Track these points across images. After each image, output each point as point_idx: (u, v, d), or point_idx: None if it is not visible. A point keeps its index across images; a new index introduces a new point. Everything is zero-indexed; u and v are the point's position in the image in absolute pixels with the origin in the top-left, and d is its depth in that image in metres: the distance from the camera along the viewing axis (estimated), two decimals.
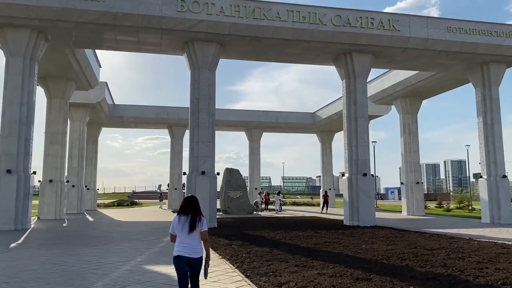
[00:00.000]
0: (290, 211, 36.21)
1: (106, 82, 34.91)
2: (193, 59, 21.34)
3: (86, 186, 38.43)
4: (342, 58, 23.06)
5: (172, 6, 19.45)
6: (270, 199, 40.46)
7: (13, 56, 19.45)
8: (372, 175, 22.95)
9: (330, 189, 47.07)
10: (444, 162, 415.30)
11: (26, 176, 19.31)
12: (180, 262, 5.18)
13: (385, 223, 22.56)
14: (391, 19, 21.88)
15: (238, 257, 10.75)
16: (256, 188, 45.64)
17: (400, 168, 39.40)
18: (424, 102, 39.62)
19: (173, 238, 5.40)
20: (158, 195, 78.77)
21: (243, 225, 21.83)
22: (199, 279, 5.33)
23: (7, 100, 19.21)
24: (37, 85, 27.59)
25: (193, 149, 21.17)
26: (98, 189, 47.33)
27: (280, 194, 35.94)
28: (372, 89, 32.77)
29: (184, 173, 21.71)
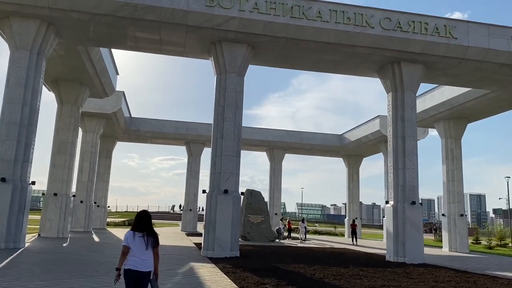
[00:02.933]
0: (315, 241, 32.89)
1: (123, 92, 32.73)
2: (220, 62, 18.81)
3: (95, 203, 35.86)
4: (389, 68, 20.27)
5: (200, 0, 17.07)
6: (293, 226, 37.20)
7: (19, 50, 17.18)
8: (421, 203, 19.76)
9: (356, 218, 43.55)
10: (437, 198, 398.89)
11: (23, 186, 16.73)
12: (130, 276, 5.50)
13: (433, 261, 19.25)
14: (448, 25, 19.11)
15: None
16: (276, 214, 42.39)
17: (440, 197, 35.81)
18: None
19: (126, 252, 5.56)
20: (171, 215, 76.11)
21: (270, 255, 18.77)
22: None
23: (7, 98, 16.84)
24: (48, 89, 25.51)
25: (215, 164, 18.39)
26: (109, 207, 44.75)
27: (305, 222, 32.76)
28: None
29: (204, 191, 18.88)
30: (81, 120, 31.59)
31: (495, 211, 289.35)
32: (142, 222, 5.71)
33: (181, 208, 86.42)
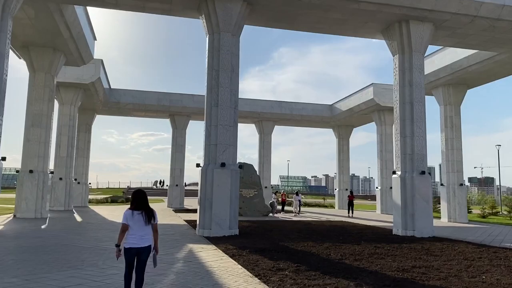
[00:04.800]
0: (308, 213, 31.74)
1: (101, 60, 30.24)
2: (213, 20, 16.79)
3: (76, 180, 33.77)
4: (396, 27, 18.58)
5: None
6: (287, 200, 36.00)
7: None
8: (430, 173, 18.51)
9: (346, 189, 42.72)
10: (439, 165, 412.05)
11: None
12: (131, 254, 5.77)
13: (441, 233, 18.20)
14: None
15: None
16: (266, 187, 41.02)
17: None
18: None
19: (125, 229, 5.76)
20: (155, 191, 74.15)
21: (270, 232, 17.37)
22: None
23: None
24: (18, 56, 23.06)
25: (210, 135, 16.64)
26: (90, 184, 42.65)
27: (299, 195, 31.47)
28: None
29: (198, 165, 17.17)
30: (57, 91, 29.20)
31: (470, 179, 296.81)
32: (139, 200, 5.92)
33: (162, 184, 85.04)
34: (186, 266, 9.21)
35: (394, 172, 18.87)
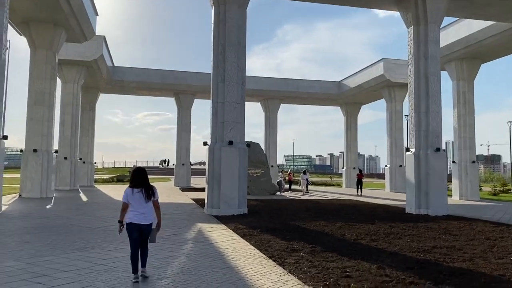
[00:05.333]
0: (316, 192, 31.35)
1: (104, 37, 29.49)
2: None
3: (81, 159, 33.45)
4: None
5: None
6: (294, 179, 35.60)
7: None
8: (445, 150, 17.91)
9: (354, 168, 42.20)
10: (446, 143, 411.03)
11: None
12: (132, 229, 5.82)
13: (455, 212, 17.70)
14: None
15: None
16: (272, 166, 40.56)
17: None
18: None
19: (125, 207, 5.88)
20: (161, 170, 74.10)
21: (279, 211, 16.97)
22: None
23: None
24: (19, 33, 22.41)
25: (217, 112, 16.07)
26: (96, 163, 42.37)
27: (307, 173, 30.99)
28: None
29: (205, 143, 16.66)
30: (59, 69, 28.58)
31: (476, 157, 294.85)
32: (139, 178, 5.97)
33: (167, 164, 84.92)
34: (196, 247, 8.78)
35: (407, 150, 18.27)
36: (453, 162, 27.51)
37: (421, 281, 6.15)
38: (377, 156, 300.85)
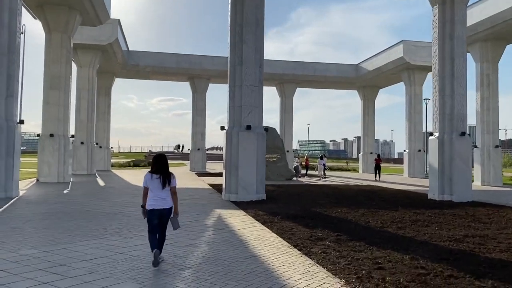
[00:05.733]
0: (334, 178, 30.91)
1: (118, 20, 29.15)
2: None
3: (97, 144, 33.51)
4: None
5: None
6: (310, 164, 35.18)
7: None
8: (469, 134, 17.26)
9: (371, 152, 41.56)
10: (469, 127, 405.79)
11: (10, 126, 14.13)
12: (153, 215, 5.93)
13: (479, 198, 17.11)
14: None
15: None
16: (288, 151, 40.13)
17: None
18: None
19: (146, 192, 6.02)
20: (176, 155, 74.23)
21: (297, 196, 16.64)
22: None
23: None
24: (34, 16, 22.18)
25: (234, 96, 15.66)
26: (112, 148, 42.55)
27: (324, 158, 30.51)
28: None
29: (222, 128, 16.31)
30: (75, 54, 28.43)
31: None
32: (159, 164, 6.07)
33: (182, 149, 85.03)
34: (217, 234, 8.50)
35: (431, 134, 17.66)
36: (475, 146, 26.72)
37: (461, 274, 5.74)
38: (392, 141, 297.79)
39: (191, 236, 8.23)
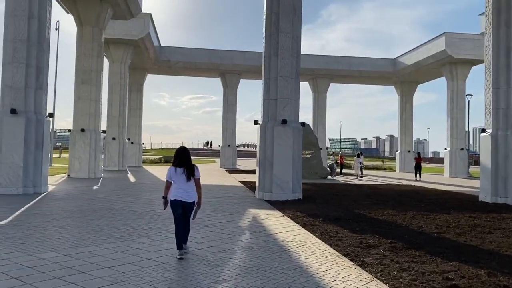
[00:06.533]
0: (371, 177, 29.54)
1: (150, 14, 28.78)
2: None
3: (129, 140, 33.38)
4: None
5: None
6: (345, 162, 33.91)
7: None
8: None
9: (409, 151, 39.81)
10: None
11: (39, 119, 13.75)
12: (176, 205, 6.02)
13: None
14: None
15: None
16: (321, 148, 38.88)
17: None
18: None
19: (169, 185, 6.18)
20: (205, 151, 74.10)
21: (336, 196, 15.61)
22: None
23: (10, 10, 13.44)
24: (66, 10, 22.00)
25: (269, 89, 14.76)
26: (144, 144, 42.49)
27: (361, 157, 29.19)
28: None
29: (256, 122, 15.46)
30: (106, 49, 28.23)
31: None
32: (181, 157, 6.10)
33: (210, 145, 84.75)
34: (254, 238, 7.63)
35: (483, 130, 16.21)
36: None
37: None
38: (425, 139, 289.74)
39: (225, 239, 7.41)
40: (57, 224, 8.50)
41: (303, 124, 15.57)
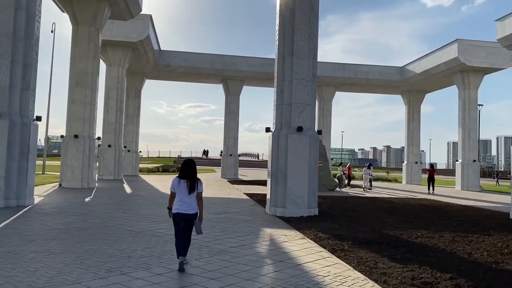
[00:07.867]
0: (379, 189, 28.04)
1: (150, 15, 27.43)
2: None
3: (125, 147, 31.85)
4: None
5: None
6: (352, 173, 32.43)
7: None
8: None
9: (416, 162, 38.43)
10: (497, 138, 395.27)
11: (25, 123, 12.24)
12: (178, 219, 5.97)
13: None
14: None
15: None
16: (332, 159, 37.45)
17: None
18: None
19: (173, 196, 6.07)
20: (204, 161, 72.49)
21: (353, 212, 14.17)
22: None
23: None
24: (61, 9, 20.63)
25: (283, 92, 13.35)
26: (141, 152, 40.94)
27: (371, 168, 27.72)
28: (507, 27, 23.12)
29: (268, 129, 14.01)
30: (104, 51, 26.85)
31: None
32: (186, 169, 6.06)
33: (206, 154, 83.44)
34: (280, 272, 6.12)
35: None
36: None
37: None
38: (423, 150, 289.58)
39: (244, 273, 5.90)
40: (36, 249, 6.96)
41: (319, 132, 14.12)
